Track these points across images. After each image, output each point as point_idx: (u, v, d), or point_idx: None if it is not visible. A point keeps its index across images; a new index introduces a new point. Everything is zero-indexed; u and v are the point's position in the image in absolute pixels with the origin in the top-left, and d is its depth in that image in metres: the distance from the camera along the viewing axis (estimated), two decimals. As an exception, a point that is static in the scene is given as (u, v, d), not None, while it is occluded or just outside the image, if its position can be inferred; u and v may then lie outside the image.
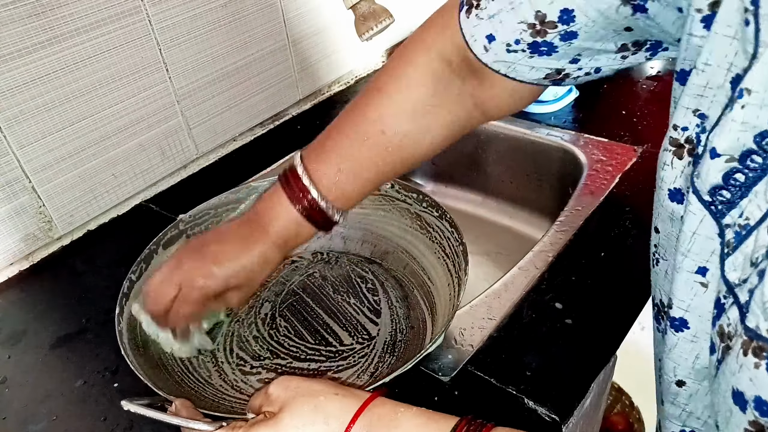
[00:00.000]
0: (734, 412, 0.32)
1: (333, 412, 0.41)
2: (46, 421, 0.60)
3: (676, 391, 0.43)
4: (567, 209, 0.79)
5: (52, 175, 0.79)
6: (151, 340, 0.62)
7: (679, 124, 0.38)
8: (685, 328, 0.40)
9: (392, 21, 0.79)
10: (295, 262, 0.78)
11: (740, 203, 0.33)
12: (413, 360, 0.53)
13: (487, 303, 0.67)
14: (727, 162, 0.33)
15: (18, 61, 0.71)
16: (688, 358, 0.41)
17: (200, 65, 0.91)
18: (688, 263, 0.38)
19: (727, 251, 0.34)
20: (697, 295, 0.38)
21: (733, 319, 0.32)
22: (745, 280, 0.32)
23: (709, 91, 0.35)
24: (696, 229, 0.36)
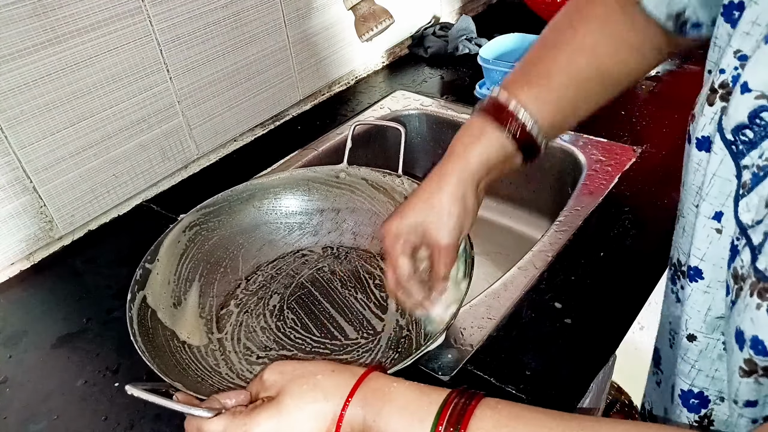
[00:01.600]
0: (734, 351, 0.33)
1: (331, 388, 0.42)
2: (47, 421, 0.60)
3: (687, 346, 0.43)
4: (566, 209, 0.79)
5: (53, 175, 0.79)
6: (159, 326, 0.63)
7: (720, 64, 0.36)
8: (699, 278, 0.40)
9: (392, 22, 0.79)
10: (305, 255, 0.78)
11: (761, 144, 0.32)
12: (414, 355, 0.54)
13: (486, 303, 0.67)
14: (757, 99, 0.32)
15: (19, 62, 0.71)
16: (701, 310, 0.41)
17: (201, 66, 0.91)
18: (706, 208, 0.38)
19: (742, 192, 0.33)
20: (713, 242, 0.38)
21: (746, 261, 0.32)
22: (759, 222, 0.31)
23: (756, 28, 0.34)
24: (716, 170, 0.36)
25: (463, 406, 0.38)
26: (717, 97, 0.37)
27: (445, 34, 1.23)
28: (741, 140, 0.33)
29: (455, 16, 1.38)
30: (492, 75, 1.04)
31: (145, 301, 0.63)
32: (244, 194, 0.77)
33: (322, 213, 0.80)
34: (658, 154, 0.87)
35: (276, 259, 0.78)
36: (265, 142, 1.03)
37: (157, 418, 0.59)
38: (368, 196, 0.78)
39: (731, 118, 0.34)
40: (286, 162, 0.96)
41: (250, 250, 0.77)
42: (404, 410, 0.40)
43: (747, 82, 0.32)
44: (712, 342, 0.41)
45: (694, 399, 0.45)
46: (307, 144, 0.99)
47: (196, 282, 0.71)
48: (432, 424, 0.38)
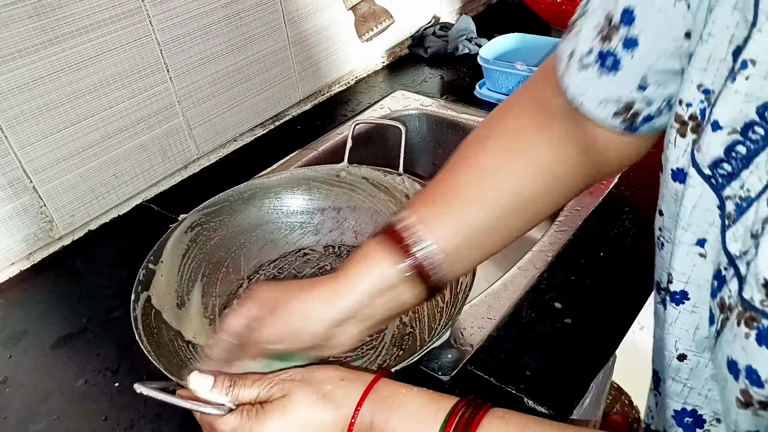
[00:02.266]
0: (729, 381, 0.33)
1: (341, 398, 0.42)
2: (47, 421, 0.60)
3: (677, 366, 0.43)
4: (566, 209, 0.79)
5: (53, 175, 0.79)
6: (164, 326, 0.63)
7: (684, 99, 0.37)
8: (685, 299, 0.40)
9: (392, 22, 0.79)
10: (307, 254, 0.79)
11: (741, 175, 0.32)
12: (419, 352, 0.54)
13: (486, 303, 0.67)
14: (729, 134, 0.32)
15: (19, 62, 0.71)
16: (689, 330, 0.41)
17: (201, 66, 0.91)
18: (688, 237, 0.38)
19: (728, 223, 0.33)
20: (696, 265, 0.38)
21: (733, 291, 0.32)
22: (745, 252, 0.31)
23: (713, 63, 0.34)
24: (696, 202, 0.36)
25: (470, 416, 0.38)
26: (688, 129, 0.37)
27: (445, 34, 1.23)
28: (719, 173, 0.34)
29: (455, 16, 1.38)
30: (492, 75, 1.04)
31: (149, 302, 0.63)
32: (245, 194, 0.77)
33: (323, 212, 0.80)
34: (658, 154, 0.87)
35: (278, 258, 0.78)
36: (265, 142, 1.03)
37: (157, 417, 0.59)
38: (369, 194, 0.78)
39: (706, 155, 0.34)
40: (286, 162, 0.96)
41: (252, 249, 0.77)
42: (412, 417, 0.40)
43: (717, 120, 0.33)
44: (703, 360, 0.42)
45: (688, 418, 0.45)
46: (307, 144, 0.99)
47: (199, 282, 0.71)
48: (439, 430, 0.38)
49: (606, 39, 0.41)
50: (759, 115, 0.31)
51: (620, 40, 0.40)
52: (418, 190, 0.50)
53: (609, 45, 0.41)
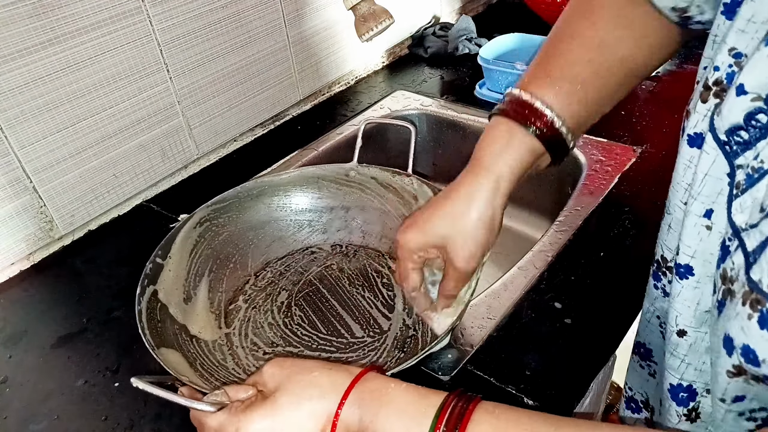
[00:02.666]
0: (722, 354, 0.33)
1: (327, 386, 0.42)
2: (47, 421, 0.60)
3: (677, 341, 0.43)
4: (566, 209, 0.79)
5: (53, 175, 0.79)
6: (169, 320, 0.63)
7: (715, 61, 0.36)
8: (689, 275, 0.40)
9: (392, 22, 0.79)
10: (314, 252, 0.79)
11: (757, 145, 0.32)
12: (418, 356, 0.54)
13: (486, 303, 0.67)
14: (753, 101, 0.32)
15: (19, 62, 0.71)
16: (691, 306, 0.41)
17: (201, 65, 0.91)
18: (697, 206, 0.37)
19: (736, 193, 0.33)
20: (703, 239, 0.38)
21: (737, 264, 0.32)
22: (753, 225, 0.31)
23: (752, 25, 0.33)
24: (708, 170, 0.36)
25: (461, 409, 0.38)
26: (710, 95, 0.37)
27: (445, 34, 1.23)
28: (735, 141, 0.33)
29: (455, 16, 1.38)
30: (492, 75, 1.04)
31: (155, 296, 0.64)
32: (254, 191, 0.77)
33: (332, 211, 0.80)
34: (658, 154, 0.87)
35: (285, 255, 0.78)
36: (265, 142, 1.03)
37: (158, 417, 0.59)
38: (378, 194, 0.78)
39: (725, 119, 0.34)
40: (286, 162, 0.96)
41: (260, 246, 0.77)
42: (402, 413, 0.39)
43: (743, 84, 0.32)
44: (701, 335, 0.42)
45: (683, 393, 0.45)
46: (307, 144, 0.99)
47: (206, 277, 0.71)
48: (430, 427, 0.38)
49: None
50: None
51: None
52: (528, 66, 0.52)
53: None
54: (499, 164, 0.49)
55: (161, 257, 0.67)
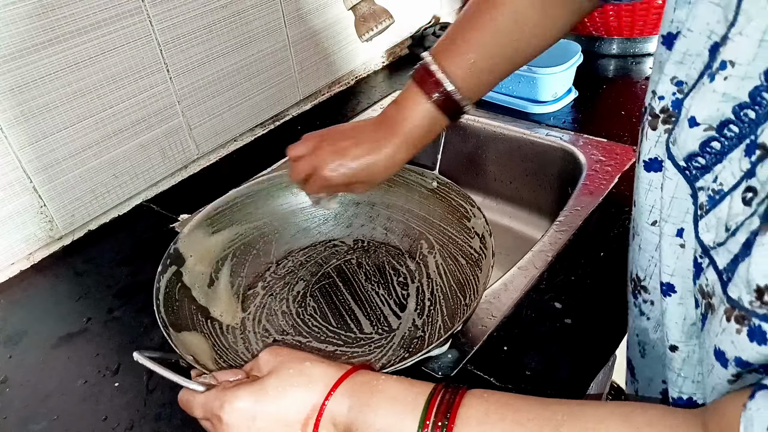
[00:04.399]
0: (716, 367, 0.34)
1: (316, 377, 0.42)
2: (47, 421, 0.60)
3: (671, 356, 0.44)
4: (566, 209, 0.79)
5: (53, 176, 0.79)
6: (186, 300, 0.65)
7: (657, 91, 0.39)
8: (672, 292, 0.41)
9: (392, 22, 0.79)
10: (336, 246, 0.79)
11: (714, 169, 0.34)
12: (415, 357, 0.54)
13: (486, 302, 0.67)
14: (705, 131, 0.34)
15: (19, 62, 0.71)
16: (678, 321, 0.42)
17: (201, 65, 0.91)
18: (669, 228, 0.39)
19: (701, 213, 0.35)
20: (679, 257, 0.40)
21: (711, 281, 0.34)
22: (720, 244, 0.32)
23: (689, 58, 0.36)
24: (674, 193, 0.38)
25: (451, 395, 0.39)
26: (659, 122, 0.39)
27: (445, 34, 1.23)
28: (694, 166, 0.35)
29: (455, 16, 1.38)
30: (492, 75, 1.04)
31: (179, 278, 0.65)
32: (284, 181, 0.78)
33: (358, 205, 0.81)
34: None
35: (308, 246, 0.79)
36: (265, 142, 1.03)
37: (158, 417, 0.59)
38: (403, 193, 0.79)
39: (682, 148, 0.36)
40: (286, 162, 0.96)
41: (284, 235, 0.78)
42: (393, 400, 0.40)
43: (695, 116, 0.34)
44: (692, 348, 0.42)
45: (685, 406, 0.45)
46: (307, 144, 0.99)
47: (228, 261, 0.73)
48: (422, 412, 0.38)
49: None
50: (735, 115, 0.32)
51: None
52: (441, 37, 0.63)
53: None
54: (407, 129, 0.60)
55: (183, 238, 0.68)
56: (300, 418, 0.41)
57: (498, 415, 0.37)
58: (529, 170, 0.99)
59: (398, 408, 0.39)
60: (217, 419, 0.42)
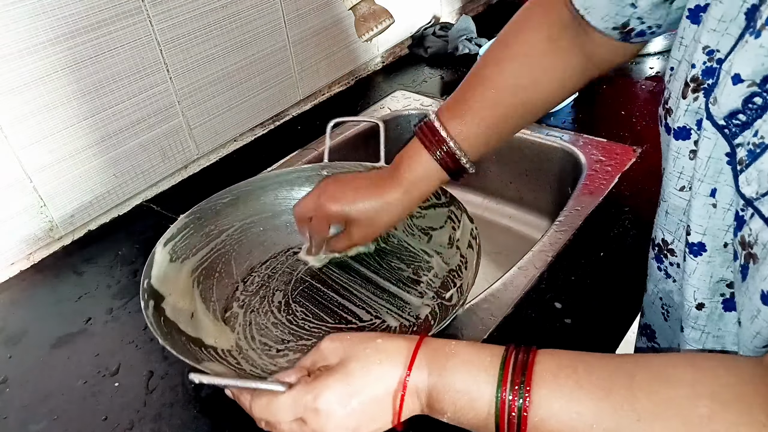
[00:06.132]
0: (762, 311, 0.35)
1: (393, 351, 0.43)
2: (47, 421, 0.60)
3: (696, 315, 0.46)
4: (566, 209, 0.79)
5: (53, 176, 0.79)
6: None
7: (689, 60, 0.40)
8: (703, 251, 0.43)
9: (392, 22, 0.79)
10: (297, 252, 0.79)
11: (754, 124, 0.35)
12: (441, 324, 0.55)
13: (486, 302, 0.67)
14: (749, 87, 0.35)
15: (19, 62, 0.71)
16: (706, 280, 0.44)
17: (201, 66, 0.91)
18: (704, 188, 0.41)
19: (740, 168, 0.36)
20: (711, 216, 0.41)
21: (755, 230, 0.35)
22: (765, 194, 0.34)
23: (722, 24, 0.37)
24: (711, 153, 0.39)
25: (524, 354, 0.40)
26: (689, 90, 0.41)
27: (445, 34, 1.23)
28: (734, 123, 0.37)
29: (455, 16, 1.38)
30: (492, 75, 1.04)
31: (160, 312, 0.62)
32: (225, 199, 0.76)
33: None
34: (658, 154, 0.87)
35: (268, 259, 0.78)
36: (265, 142, 1.03)
37: (158, 417, 0.59)
38: None
39: (723, 106, 0.37)
40: (286, 162, 0.96)
41: (241, 253, 0.77)
42: (469, 363, 0.41)
43: (739, 74, 0.36)
44: (714, 304, 0.45)
45: None
46: (307, 144, 0.99)
47: (196, 289, 0.70)
48: (499, 372, 0.39)
49: None
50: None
51: None
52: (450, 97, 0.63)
53: None
54: (409, 182, 0.62)
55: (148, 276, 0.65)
56: (389, 391, 0.42)
57: (570, 368, 0.38)
58: (529, 170, 0.99)
59: (474, 369, 0.40)
60: (313, 412, 0.41)
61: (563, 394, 0.37)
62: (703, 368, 0.36)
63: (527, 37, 0.58)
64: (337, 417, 0.41)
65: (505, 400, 0.38)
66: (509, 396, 0.38)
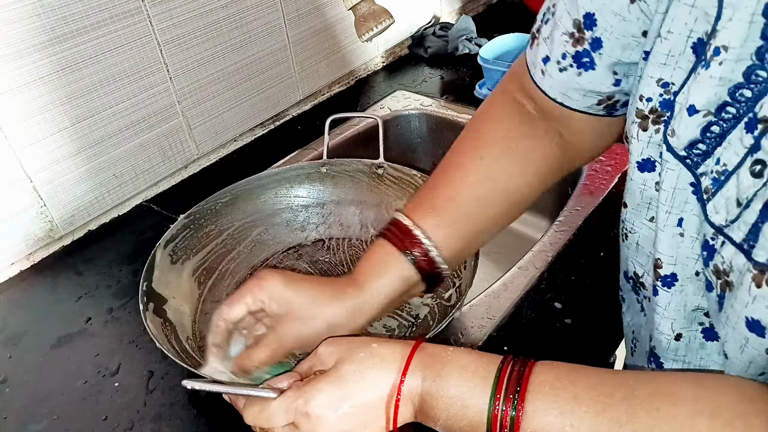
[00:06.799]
0: (750, 339, 0.35)
1: (388, 356, 0.42)
2: (47, 421, 0.60)
3: (675, 346, 0.45)
4: (566, 209, 0.79)
5: (53, 176, 0.79)
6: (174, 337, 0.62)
7: (644, 94, 0.40)
8: (675, 282, 0.42)
9: (392, 22, 0.79)
10: (298, 250, 0.79)
11: (714, 152, 0.36)
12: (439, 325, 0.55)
13: (486, 302, 0.67)
14: (705, 116, 0.36)
15: (19, 62, 0.71)
16: (681, 310, 0.43)
17: (201, 65, 0.91)
18: (672, 218, 0.40)
19: (707, 197, 0.36)
20: (679, 246, 0.41)
21: (727, 257, 0.35)
22: (734, 220, 0.34)
23: (672, 58, 0.38)
24: (675, 184, 0.39)
25: (521, 365, 0.39)
26: (649, 123, 0.41)
27: (445, 34, 1.23)
28: (695, 153, 0.37)
29: (455, 16, 1.38)
30: (492, 75, 1.04)
31: (160, 314, 0.62)
32: (224, 200, 0.75)
33: (307, 209, 0.81)
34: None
35: (270, 257, 0.78)
36: (265, 142, 1.03)
37: (158, 417, 0.59)
38: (352, 186, 0.79)
39: (682, 138, 0.37)
40: (286, 162, 0.96)
41: (242, 252, 0.77)
42: (464, 369, 0.40)
43: (693, 105, 0.36)
44: (692, 334, 0.44)
45: None
46: (307, 144, 0.99)
47: (197, 290, 0.70)
48: (493, 382, 0.39)
49: (577, 42, 0.45)
50: (731, 96, 0.34)
51: (588, 42, 0.45)
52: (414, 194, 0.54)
53: (581, 46, 0.45)
54: (371, 288, 0.50)
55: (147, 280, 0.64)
56: (382, 396, 0.41)
57: (569, 380, 0.38)
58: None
59: (469, 376, 0.40)
60: (304, 416, 0.41)
61: (558, 406, 0.37)
62: (705, 386, 0.35)
63: (501, 125, 0.54)
64: (328, 421, 0.41)
65: (497, 410, 0.38)
66: (502, 407, 0.38)
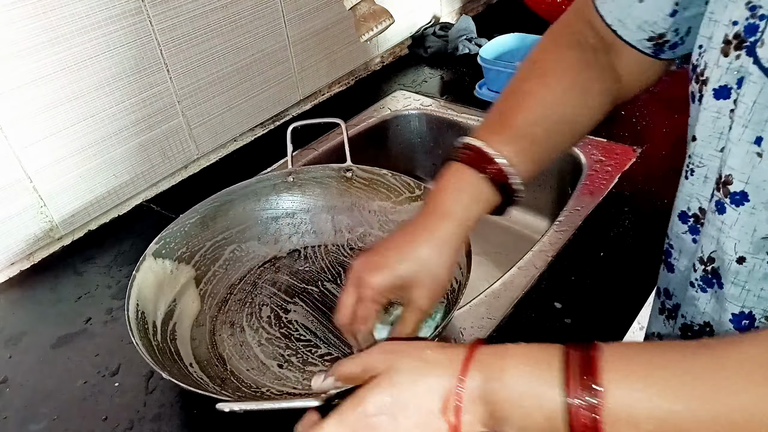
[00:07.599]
0: None
1: (443, 361, 0.41)
2: (47, 421, 0.60)
3: (737, 269, 0.45)
4: (566, 209, 0.79)
5: (53, 176, 0.79)
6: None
7: (732, 18, 0.40)
8: (745, 201, 0.42)
9: (392, 22, 0.79)
10: (275, 263, 0.78)
11: None
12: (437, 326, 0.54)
13: (486, 302, 0.67)
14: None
15: (19, 62, 0.71)
16: (748, 232, 0.43)
17: (201, 66, 0.91)
18: (748, 134, 0.40)
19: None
20: (755, 166, 0.40)
21: None
22: None
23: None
24: (756, 98, 0.39)
25: (584, 346, 0.39)
26: (731, 48, 0.41)
27: (445, 34, 1.23)
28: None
29: (455, 16, 1.38)
30: (492, 75, 1.04)
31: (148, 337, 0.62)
32: (193, 219, 0.73)
33: (277, 220, 0.80)
34: (658, 154, 0.87)
35: (246, 274, 0.76)
36: (265, 142, 1.03)
37: (157, 417, 0.59)
38: (321, 193, 0.80)
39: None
40: (285, 162, 0.95)
41: (218, 271, 0.75)
42: (528, 357, 0.40)
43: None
44: (758, 262, 0.43)
45: (745, 320, 0.46)
46: (307, 144, 0.99)
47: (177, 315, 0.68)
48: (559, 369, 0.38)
49: None
50: None
51: None
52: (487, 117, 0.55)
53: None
54: (460, 210, 0.52)
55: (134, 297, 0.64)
56: (439, 405, 0.40)
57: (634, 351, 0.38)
58: (529, 170, 0.99)
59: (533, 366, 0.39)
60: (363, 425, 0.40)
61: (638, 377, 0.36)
62: None
63: (567, 55, 0.56)
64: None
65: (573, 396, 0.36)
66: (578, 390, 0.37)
